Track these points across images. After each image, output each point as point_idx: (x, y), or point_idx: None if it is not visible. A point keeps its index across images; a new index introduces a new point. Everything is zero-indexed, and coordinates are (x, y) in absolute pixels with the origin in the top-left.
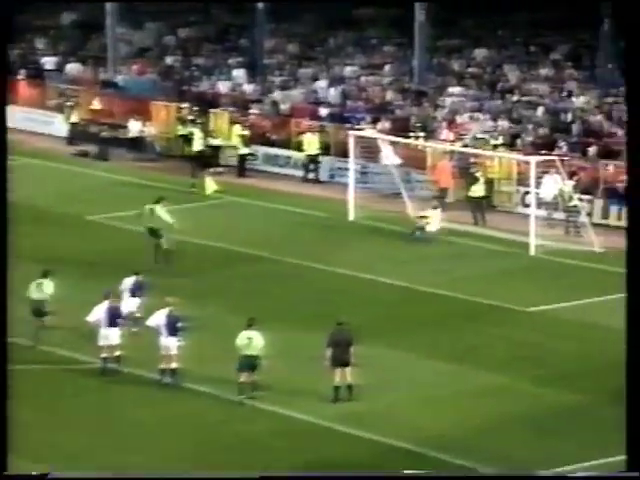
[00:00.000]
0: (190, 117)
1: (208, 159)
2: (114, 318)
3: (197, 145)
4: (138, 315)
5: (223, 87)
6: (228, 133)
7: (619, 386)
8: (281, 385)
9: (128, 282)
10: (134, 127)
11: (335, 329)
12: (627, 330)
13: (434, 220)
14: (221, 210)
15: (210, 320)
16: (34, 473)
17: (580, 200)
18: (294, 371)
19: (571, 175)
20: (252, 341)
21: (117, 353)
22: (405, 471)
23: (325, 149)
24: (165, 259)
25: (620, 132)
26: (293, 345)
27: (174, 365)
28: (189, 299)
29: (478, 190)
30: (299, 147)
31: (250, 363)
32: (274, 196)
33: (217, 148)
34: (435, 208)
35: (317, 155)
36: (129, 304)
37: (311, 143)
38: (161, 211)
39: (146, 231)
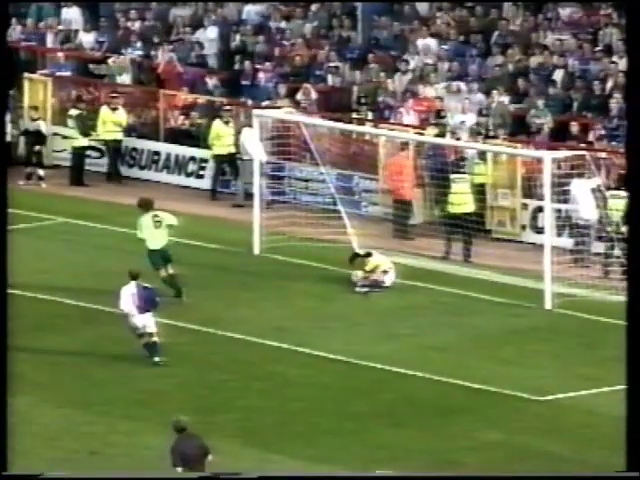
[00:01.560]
0: None
1: (24, 156)
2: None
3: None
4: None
5: (49, 37)
6: (56, 113)
7: None
8: None
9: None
10: None
11: (179, 439)
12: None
13: (388, 267)
14: (39, 239)
15: (17, 420)
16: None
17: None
18: None
19: (619, 182)
20: None
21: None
22: None
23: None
24: (177, 290)
25: None
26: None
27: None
28: None
29: (461, 202)
30: (178, 138)
31: None
32: (130, 216)
33: (39, 137)
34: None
35: (234, 155)
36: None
37: (222, 137)
38: (169, 217)
39: (158, 257)
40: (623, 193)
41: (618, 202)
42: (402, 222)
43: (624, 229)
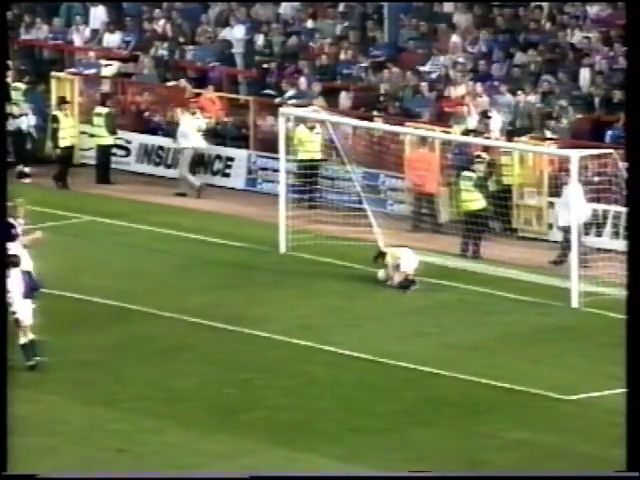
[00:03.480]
0: (20, 85)
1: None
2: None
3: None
4: None
5: (78, 37)
6: (83, 111)
7: None
8: None
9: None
10: None
11: None
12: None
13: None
14: (66, 237)
15: (47, 418)
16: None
17: None
18: None
19: None
20: None
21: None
22: None
23: (238, 138)
24: None
25: None
26: None
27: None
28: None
29: (466, 200)
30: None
31: None
32: (156, 214)
33: (21, 135)
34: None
35: (319, 161)
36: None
37: (306, 142)
38: None
39: None
40: None
41: None
42: (426, 215)
43: None
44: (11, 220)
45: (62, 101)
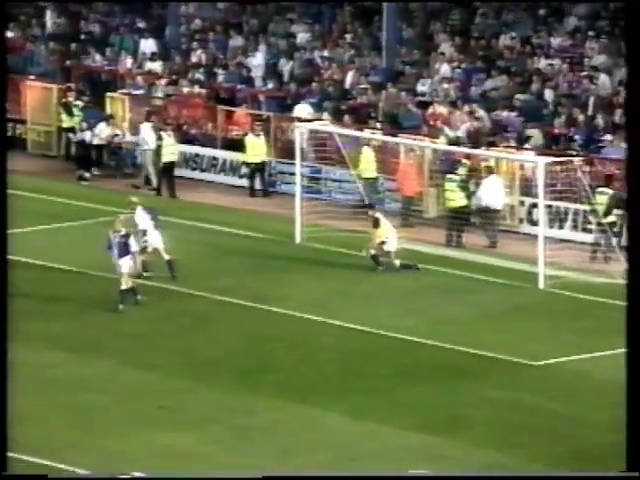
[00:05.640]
0: (78, 102)
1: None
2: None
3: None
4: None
5: (128, 62)
6: (132, 125)
7: None
8: None
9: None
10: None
11: None
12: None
13: (386, 237)
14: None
15: (101, 379)
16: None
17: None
18: None
19: (608, 181)
20: None
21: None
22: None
23: None
24: None
25: None
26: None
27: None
28: (68, 350)
29: (450, 199)
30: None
31: None
32: (191, 210)
33: (85, 145)
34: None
35: (376, 179)
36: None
37: (370, 161)
38: None
39: None
40: (606, 190)
41: (601, 198)
42: (405, 214)
43: (605, 220)
44: (110, 233)
45: (164, 122)
